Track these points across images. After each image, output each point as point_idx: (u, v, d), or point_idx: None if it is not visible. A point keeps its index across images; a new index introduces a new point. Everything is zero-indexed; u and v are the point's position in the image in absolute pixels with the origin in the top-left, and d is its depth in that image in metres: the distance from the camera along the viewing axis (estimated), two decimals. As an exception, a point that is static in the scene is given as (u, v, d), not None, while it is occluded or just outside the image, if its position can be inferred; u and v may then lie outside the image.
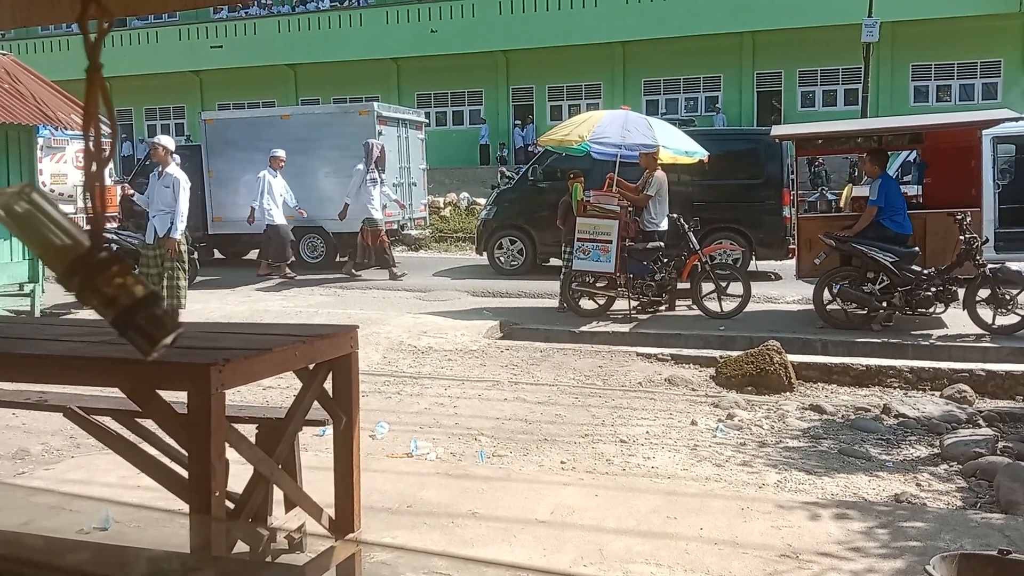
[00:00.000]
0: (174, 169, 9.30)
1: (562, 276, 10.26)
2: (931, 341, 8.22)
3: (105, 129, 1.12)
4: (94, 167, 1.10)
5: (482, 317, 9.75)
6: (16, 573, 0.90)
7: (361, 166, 13.15)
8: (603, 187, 10.04)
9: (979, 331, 8.25)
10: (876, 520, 4.04)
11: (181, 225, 9.09)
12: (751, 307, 9.61)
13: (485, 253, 14.08)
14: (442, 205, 21.69)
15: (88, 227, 1.09)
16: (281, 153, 13.36)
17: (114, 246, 10.93)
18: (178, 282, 9.15)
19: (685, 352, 8.01)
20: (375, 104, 15.03)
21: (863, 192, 10.96)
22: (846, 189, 14.03)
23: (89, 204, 1.09)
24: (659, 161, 9.93)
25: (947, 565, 2.76)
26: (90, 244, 1.04)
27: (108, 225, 13.27)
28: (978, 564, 2.78)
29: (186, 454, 2.65)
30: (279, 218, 13.16)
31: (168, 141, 9.51)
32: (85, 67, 1.05)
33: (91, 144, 1.08)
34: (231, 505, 3.06)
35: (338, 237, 14.75)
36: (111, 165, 17.72)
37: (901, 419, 6.12)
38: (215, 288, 12.74)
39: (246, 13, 32.95)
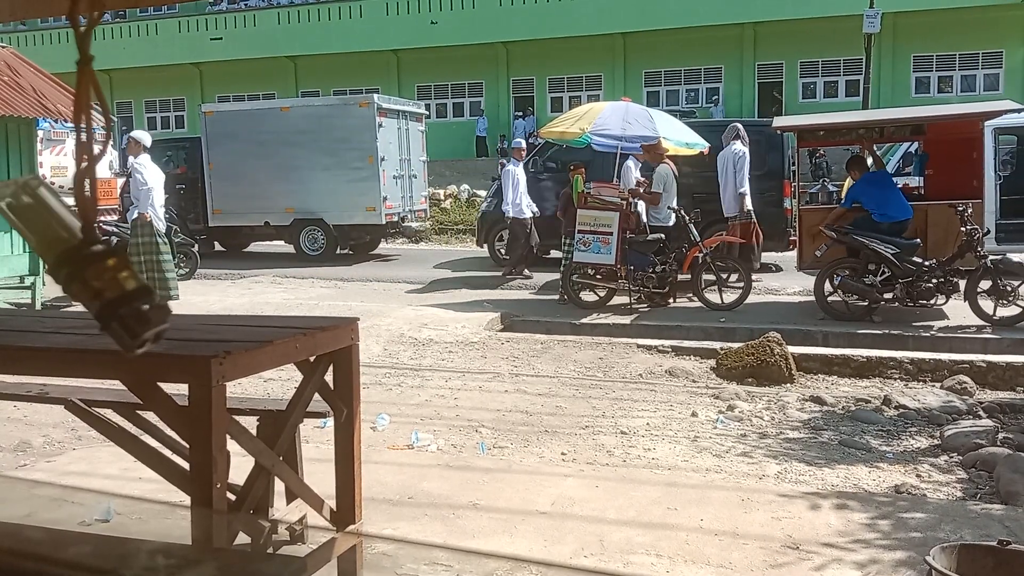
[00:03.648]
0: (136, 159, 9.49)
1: (563, 268, 10.25)
2: (932, 332, 8.21)
3: (100, 120, 1.11)
4: (86, 161, 1.09)
5: (483, 309, 9.75)
6: (18, 566, 0.90)
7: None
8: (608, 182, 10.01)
9: (980, 322, 8.24)
10: (876, 511, 4.05)
11: (140, 205, 9.32)
12: (752, 299, 9.60)
13: (486, 245, 14.06)
14: (442, 197, 21.64)
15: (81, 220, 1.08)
16: (523, 143, 13.29)
17: (113, 239, 10.94)
18: (156, 275, 9.16)
19: (686, 344, 8.02)
20: (375, 96, 15.00)
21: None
22: (847, 181, 13.97)
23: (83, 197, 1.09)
24: (665, 153, 9.93)
25: (947, 556, 2.76)
26: (82, 237, 1.03)
27: (108, 218, 13.26)
28: (978, 555, 2.78)
29: (187, 446, 2.65)
30: (527, 212, 12.31)
31: (136, 135, 9.69)
32: (76, 60, 1.05)
33: (83, 137, 1.08)
34: (232, 497, 3.07)
35: (339, 229, 14.75)
36: (111, 158, 17.79)
37: (901, 410, 6.13)
38: (216, 280, 12.74)
39: (246, 5, 32.87)
